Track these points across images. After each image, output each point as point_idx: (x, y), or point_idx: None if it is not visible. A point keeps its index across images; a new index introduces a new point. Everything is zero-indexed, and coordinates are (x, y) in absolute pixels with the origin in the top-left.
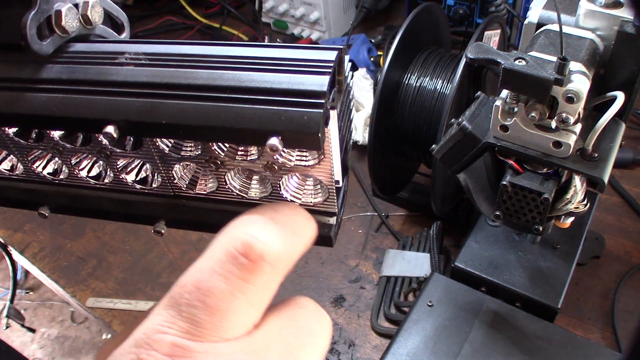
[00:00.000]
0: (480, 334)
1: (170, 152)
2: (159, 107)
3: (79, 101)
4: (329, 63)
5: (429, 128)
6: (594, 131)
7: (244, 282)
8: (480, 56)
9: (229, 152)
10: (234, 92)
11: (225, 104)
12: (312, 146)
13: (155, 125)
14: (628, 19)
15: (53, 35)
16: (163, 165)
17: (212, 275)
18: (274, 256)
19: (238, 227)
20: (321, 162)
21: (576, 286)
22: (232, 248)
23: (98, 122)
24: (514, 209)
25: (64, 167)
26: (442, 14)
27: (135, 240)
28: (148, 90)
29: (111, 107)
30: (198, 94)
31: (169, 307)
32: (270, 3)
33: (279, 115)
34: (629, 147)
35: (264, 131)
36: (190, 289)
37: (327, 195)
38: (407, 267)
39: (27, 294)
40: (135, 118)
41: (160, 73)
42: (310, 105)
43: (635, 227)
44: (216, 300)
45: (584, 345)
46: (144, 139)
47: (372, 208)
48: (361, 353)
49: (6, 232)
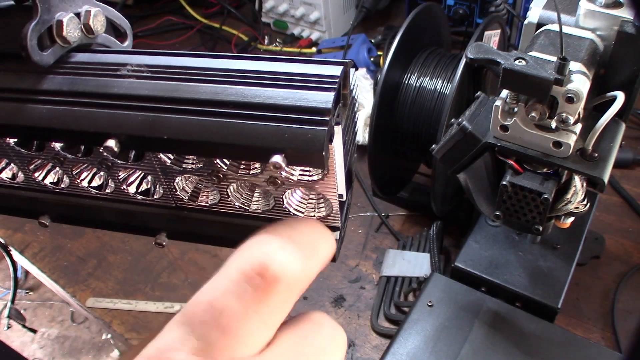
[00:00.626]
0: (480, 334)
1: (172, 164)
2: (160, 121)
3: (79, 114)
4: (333, 79)
5: (429, 128)
6: (594, 131)
7: (258, 302)
8: (480, 56)
9: (231, 167)
10: (237, 107)
11: (228, 119)
12: (316, 164)
13: (157, 141)
14: (628, 19)
15: (54, 46)
16: (165, 177)
17: (226, 294)
18: (290, 277)
19: (254, 246)
20: (325, 177)
21: (576, 286)
22: (248, 268)
23: (99, 136)
24: (514, 209)
25: (65, 177)
26: (442, 14)
27: (135, 240)
28: (150, 104)
29: (112, 121)
30: (200, 109)
31: (182, 324)
32: (270, 3)
33: (283, 133)
34: (629, 147)
35: (267, 148)
36: (204, 308)
37: (330, 209)
38: (407, 267)
39: (27, 294)
40: (137, 132)
41: (163, 87)
42: (314, 123)
43: (635, 227)
44: (229, 320)
45: (584, 345)
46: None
47: (372, 208)
48: (361, 353)
49: (6, 232)
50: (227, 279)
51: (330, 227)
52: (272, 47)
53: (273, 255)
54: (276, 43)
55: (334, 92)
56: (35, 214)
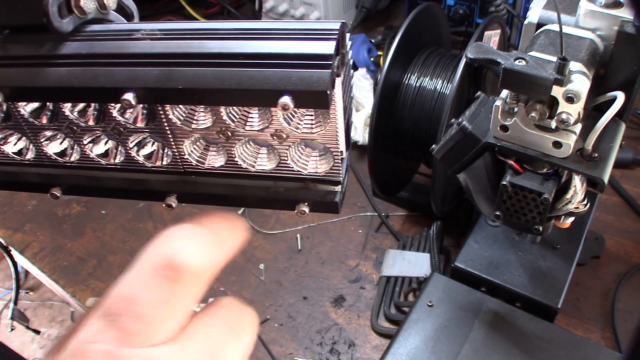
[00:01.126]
0: (480, 334)
1: (182, 124)
2: (175, 74)
3: (98, 72)
4: (333, 31)
5: (429, 128)
6: (594, 131)
7: (169, 291)
8: (480, 56)
9: (239, 122)
10: (246, 58)
11: (238, 68)
12: (321, 104)
13: (173, 91)
14: (628, 19)
15: (71, 15)
16: (174, 140)
17: (139, 286)
18: (195, 268)
19: (163, 241)
20: (327, 126)
21: (576, 286)
22: (158, 261)
23: (117, 91)
24: (514, 209)
25: (76, 148)
26: (442, 14)
27: (135, 240)
28: (165, 60)
29: (129, 76)
30: (212, 61)
31: (100, 317)
32: (270, 3)
33: (290, 76)
34: (629, 147)
35: (275, 91)
36: (120, 300)
37: (332, 163)
38: (407, 267)
39: (27, 294)
40: (153, 85)
41: (176, 44)
42: (318, 67)
43: (635, 227)
44: (143, 309)
45: (584, 345)
46: (157, 111)
47: (372, 208)
48: (361, 353)
49: (6, 232)
50: (139, 273)
51: (331, 181)
52: None
53: (179, 248)
54: None
55: (335, 41)
56: (47, 187)
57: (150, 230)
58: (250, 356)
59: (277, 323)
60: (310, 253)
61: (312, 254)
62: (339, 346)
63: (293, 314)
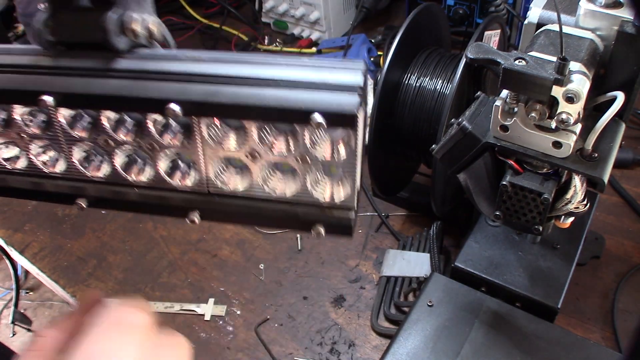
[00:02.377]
0: (480, 334)
1: (214, 144)
2: (219, 90)
3: (147, 85)
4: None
5: (429, 128)
6: (594, 131)
7: None
8: (480, 56)
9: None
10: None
11: (275, 89)
12: (348, 124)
13: (216, 106)
14: (628, 19)
15: (125, 37)
16: (204, 159)
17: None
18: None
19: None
20: (348, 156)
21: (576, 286)
22: None
23: (164, 102)
24: (514, 209)
25: (105, 165)
26: (442, 14)
27: (135, 240)
28: (209, 79)
29: (177, 90)
30: (251, 83)
31: None
32: (270, 3)
33: (322, 97)
34: (629, 147)
35: (308, 110)
36: None
37: (348, 191)
38: (407, 267)
39: (27, 294)
40: (199, 99)
41: (217, 67)
42: (347, 92)
43: (635, 227)
44: None
45: (584, 345)
46: (194, 128)
47: (372, 208)
48: (361, 353)
49: (6, 232)
50: None
51: (346, 207)
52: (272, 47)
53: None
54: (276, 43)
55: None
56: (72, 198)
57: (150, 230)
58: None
59: (277, 323)
60: (310, 253)
61: (312, 254)
62: (339, 346)
63: (293, 314)
